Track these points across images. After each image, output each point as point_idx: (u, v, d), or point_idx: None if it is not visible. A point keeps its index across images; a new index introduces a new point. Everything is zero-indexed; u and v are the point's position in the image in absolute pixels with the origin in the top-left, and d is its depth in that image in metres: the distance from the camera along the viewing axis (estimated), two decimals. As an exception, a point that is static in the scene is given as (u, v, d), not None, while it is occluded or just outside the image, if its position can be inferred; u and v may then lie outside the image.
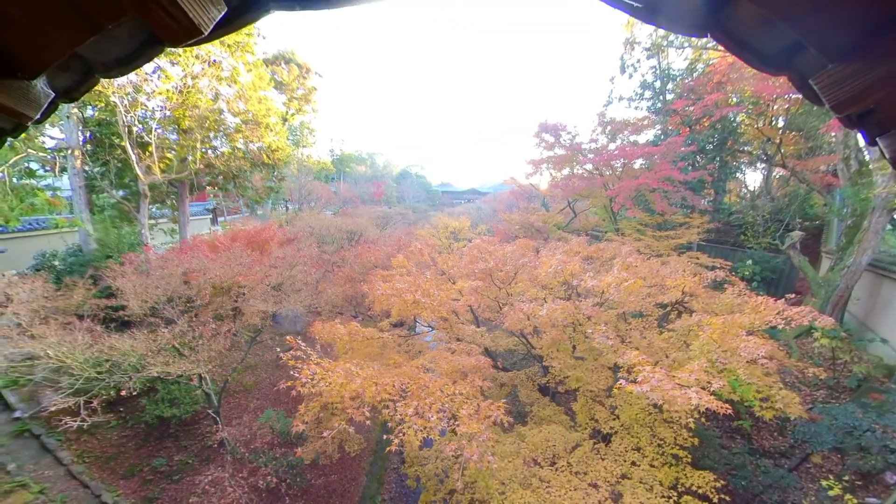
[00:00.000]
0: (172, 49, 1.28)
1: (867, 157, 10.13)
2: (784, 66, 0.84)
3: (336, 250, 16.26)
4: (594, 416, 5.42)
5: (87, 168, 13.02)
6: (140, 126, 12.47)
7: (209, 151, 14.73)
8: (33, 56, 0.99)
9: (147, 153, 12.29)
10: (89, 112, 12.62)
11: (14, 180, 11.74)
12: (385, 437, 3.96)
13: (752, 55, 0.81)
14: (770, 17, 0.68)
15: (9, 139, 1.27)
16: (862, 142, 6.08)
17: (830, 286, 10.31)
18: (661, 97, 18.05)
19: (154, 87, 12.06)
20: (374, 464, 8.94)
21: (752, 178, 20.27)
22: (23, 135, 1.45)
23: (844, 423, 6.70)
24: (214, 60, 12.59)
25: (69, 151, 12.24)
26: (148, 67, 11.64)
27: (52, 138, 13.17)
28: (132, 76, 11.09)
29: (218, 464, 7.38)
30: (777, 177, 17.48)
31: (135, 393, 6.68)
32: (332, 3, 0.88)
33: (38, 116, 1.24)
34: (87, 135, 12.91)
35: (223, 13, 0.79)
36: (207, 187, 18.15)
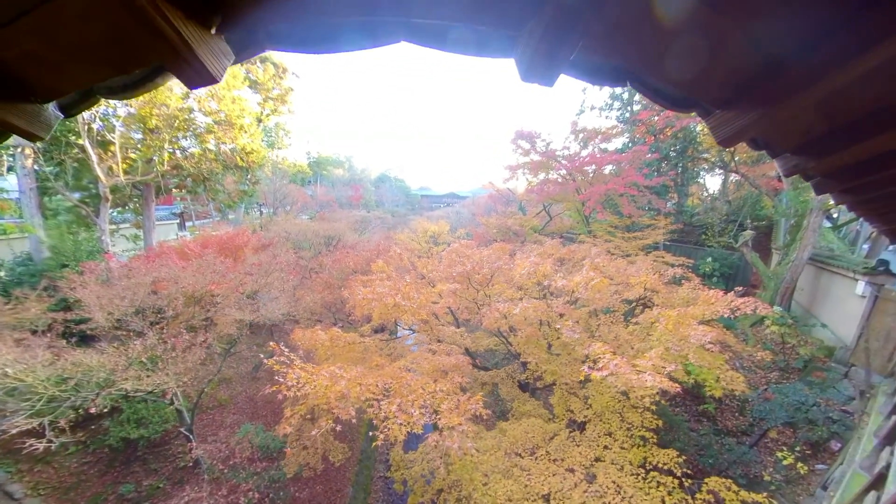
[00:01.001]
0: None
1: (805, 164, 11.23)
2: (691, 107, 1.09)
3: (313, 256, 16.00)
4: (570, 408, 5.75)
5: (38, 167, 12.09)
6: (101, 123, 11.67)
7: (178, 152, 14.09)
8: (53, 87, 1.06)
9: (109, 153, 11.59)
10: (43, 108, 11.79)
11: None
12: (371, 433, 4.06)
13: (665, 100, 1.04)
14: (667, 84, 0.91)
15: None
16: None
17: (779, 278, 11.38)
18: (629, 108, 19.10)
19: (118, 82, 11.49)
20: (359, 473, 8.85)
21: (712, 182, 21.82)
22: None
23: (794, 400, 7.44)
24: (184, 59, 12.14)
25: (18, 149, 11.33)
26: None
27: (-5, 134, 12.16)
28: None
29: (193, 485, 7.06)
30: (733, 181, 18.89)
31: (105, 410, 6.33)
32: (321, 49, 1.02)
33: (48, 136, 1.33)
34: (40, 132, 12.00)
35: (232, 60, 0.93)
36: (175, 190, 17.31)
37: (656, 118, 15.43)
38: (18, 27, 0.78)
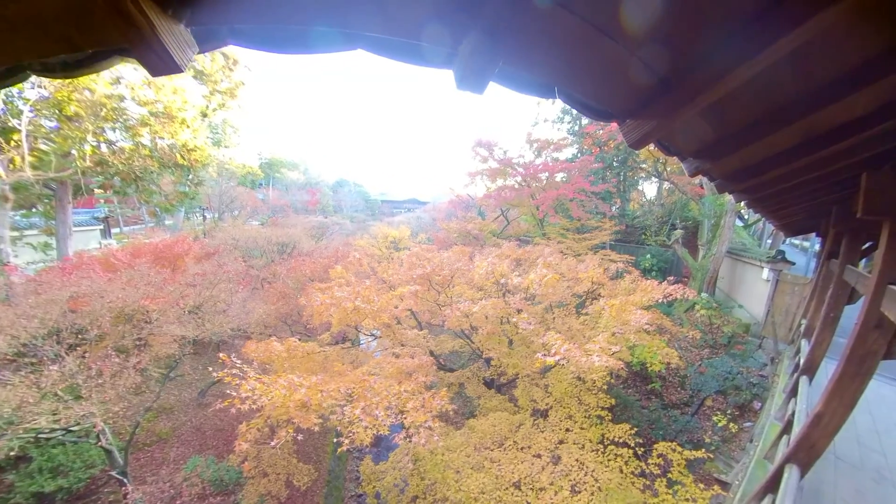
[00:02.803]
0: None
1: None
2: (608, 118, 1.31)
3: (266, 264, 15.05)
4: (532, 398, 6.07)
5: None
6: (3, 107, 9.72)
7: (103, 146, 12.11)
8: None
9: (12, 142, 9.75)
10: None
11: None
12: (336, 439, 3.93)
13: (588, 110, 1.25)
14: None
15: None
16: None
17: (704, 270, 13.07)
18: (578, 121, 20.64)
19: (28, 58, 9.75)
20: (328, 495, 8.23)
21: (649, 188, 24.27)
22: None
23: (722, 371, 8.60)
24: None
25: None
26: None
27: None
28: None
29: (133, 536, 6.13)
30: (666, 188, 21.16)
31: (10, 459, 5.31)
32: (283, 50, 1.06)
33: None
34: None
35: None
36: (98, 190, 15.09)
37: (601, 132, 16.90)
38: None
